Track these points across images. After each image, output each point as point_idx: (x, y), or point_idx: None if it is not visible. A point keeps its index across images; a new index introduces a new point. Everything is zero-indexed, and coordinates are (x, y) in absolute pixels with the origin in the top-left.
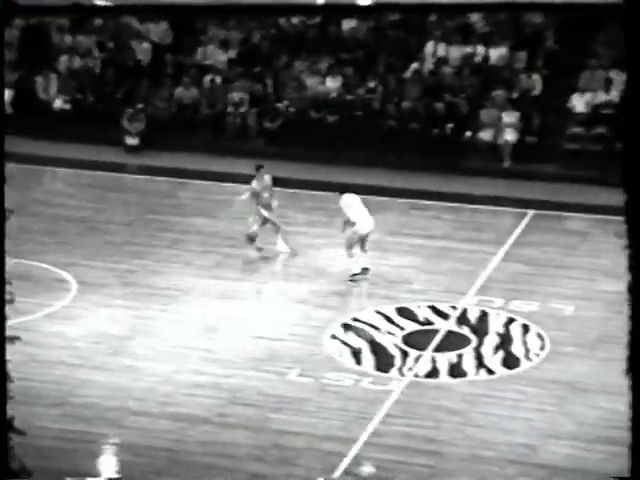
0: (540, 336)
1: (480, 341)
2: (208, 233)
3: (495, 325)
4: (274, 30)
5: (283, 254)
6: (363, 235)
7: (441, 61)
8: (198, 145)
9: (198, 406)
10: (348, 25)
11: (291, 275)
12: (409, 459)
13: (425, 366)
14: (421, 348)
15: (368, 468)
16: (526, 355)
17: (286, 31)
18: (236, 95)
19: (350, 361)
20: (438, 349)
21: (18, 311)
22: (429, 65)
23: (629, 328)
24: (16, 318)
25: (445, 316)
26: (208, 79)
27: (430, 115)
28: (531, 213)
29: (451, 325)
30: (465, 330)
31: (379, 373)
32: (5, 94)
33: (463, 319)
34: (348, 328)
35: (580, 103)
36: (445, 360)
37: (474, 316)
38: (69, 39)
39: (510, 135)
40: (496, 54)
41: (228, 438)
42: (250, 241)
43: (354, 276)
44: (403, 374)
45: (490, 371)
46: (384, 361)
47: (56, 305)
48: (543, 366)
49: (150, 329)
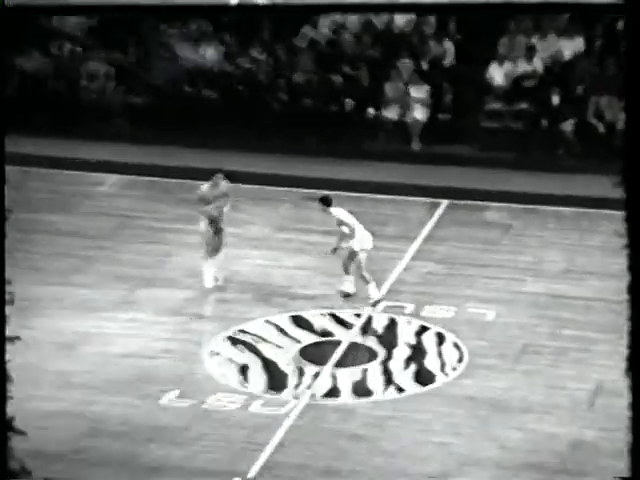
0: (457, 346)
1: (388, 354)
2: (63, 232)
3: (405, 335)
4: None
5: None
6: (359, 252)
7: (339, 27)
8: (45, 126)
9: (50, 440)
10: None
11: (162, 280)
12: None
13: (324, 385)
14: (319, 363)
15: None
16: (441, 369)
17: None
18: (92, 66)
19: (236, 381)
20: (339, 364)
21: None
22: (324, 31)
23: (629, 328)
24: None
25: (347, 325)
26: (57, 46)
27: (326, 90)
28: (445, 203)
29: (354, 336)
30: (371, 341)
31: (270, 394)
32: None
33: (368, 329)
34: (233, 342)
35: (499, 74)
36: (347, 377)
37: (381, 325)
38: None
39: (419, 112)
40: (401, 19)
41: (87, 478)
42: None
43: (375, 303)
44: (299, 395)
45: (400, 389)
46: (276, 380)
47: None
48: (461, 382)
49: None
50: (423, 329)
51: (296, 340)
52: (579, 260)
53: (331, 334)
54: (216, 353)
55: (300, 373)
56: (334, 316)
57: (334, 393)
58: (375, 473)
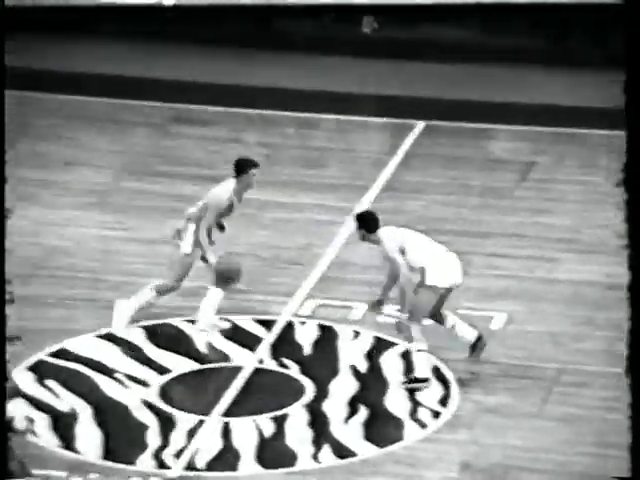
0: (440, 375)
1: (320, 390)
2: None
3: (350, 354)
4: None
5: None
6: (441, 291)
7: None
8: None
9: None
10: None
11: None
12: None
13: (207, 447)
14: (199, 411)
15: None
16: (411, 416)
17: None
18: None
19: (49, 443)
20: (233, 411)
21: None
22: None
23: (629, 328)
24: None
25: (250, 341)
26: None
27: None
28: (420, 126)
29: (262, 359)
30: (291, 368)
31: (111, 466)
32: None
33: (285, 345)
34: (43, 373)
35: None
36: (250, 432)
37: (308, 338)
38: None
39: None
40: None
41: None
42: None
43: (416, 383)
44: (164, 463)
45: (341, 451)
46: (121, 441)
47: None
48: (445, 438)
49: None
50: (381, 344)
51: (158, 370)
52: None
53: (222, 356)
54: (14, 392)
55: (165, 427)
56: (230, 326)
57: (227, 461)
58: None
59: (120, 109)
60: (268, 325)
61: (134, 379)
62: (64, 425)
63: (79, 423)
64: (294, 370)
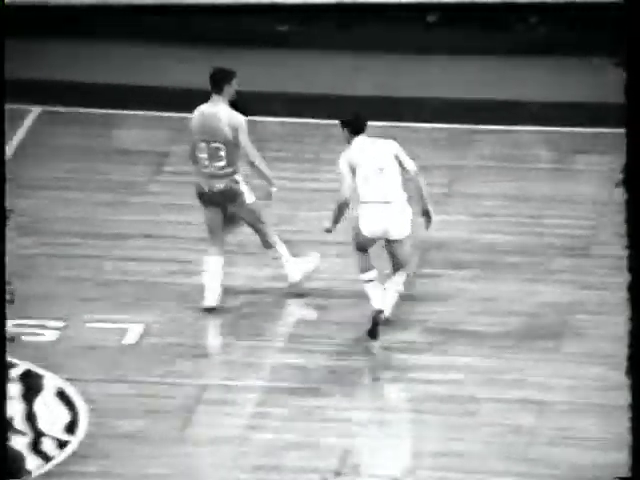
0: (64, 396)
1: None
2: None
3: None
4: None
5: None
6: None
7: None
8: None
9: None
10: None
11: None
12: None
13: None
14: None
15: None
16: (34, 447)
17: None
18: None
19: None
20: None
21: None
22: None
23: (629, 328)
24: None
25: None
26: None
27: None
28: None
29: None
30: None
31: None
32: None
33: None
34: None
35: None
36: None
37: None
38: None
39: None
40: None
41: None
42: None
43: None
44: None
45: None
46: None
47: None
48: (68, 469)
49: None
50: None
51: None
52: None
53: None
54: None
55: None
56: None
57: None
58: None
59: None
60: None
61: None
62: None
63: None
64: None
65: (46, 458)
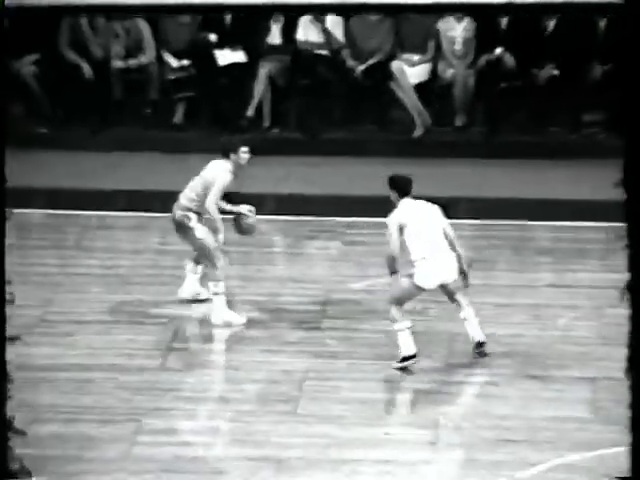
0: None
1: None
2: None
3: None
4: None
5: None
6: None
7: None
8: None
9: None
10: None
11: None
12: None
13: None
14: None
15: None
16: None
17: None
18: None
19: None
20: None
21: None
22: None
23: (629, 328)
24: None
25: None
26: None
27: None
28: None
29: None
30: None
31: None
32: None
33: None
34: None
35: None
36: None
37: None
38: None
39: None
40: None
41: None
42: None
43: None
44: None
45: None
46: None
47: None
48: None
49: None
50: None
51: None
52: None
53: None
54: None
55: None
56: None
57: None
58: None
59: None
60: None
61: None
62: None
63: None
64: None
65: None
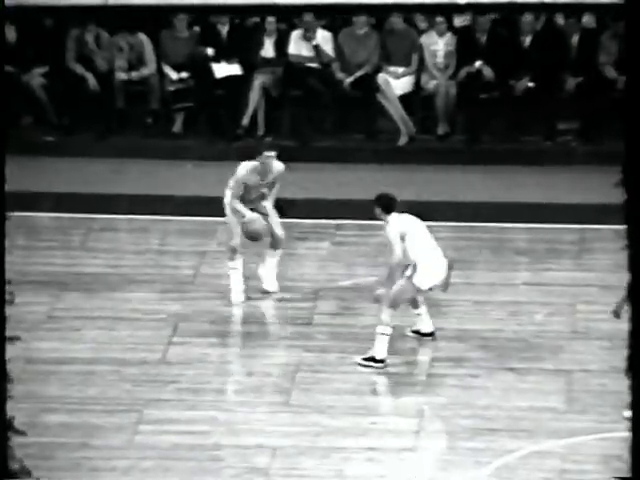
0: None
1: None
2: None
3: None
4: None
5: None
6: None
7: None
8: None
9: None
10: None
11: None
12: None
13: None
14: None
15: None
16: None
17: None
18: None
19: None
20: None
21: None
22: None
23: (629, 328)
24: None
25: None
26: None
27: None
28: None
29: None
30: None
31: None
32: None
33: None
34: None
35: None
36: None
37: None
38: None
39: None
40: None
41: None
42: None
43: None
44: None
45: None
46: None
47: None
48: None
49: None
50: None
51: None
52: None
53: None
54: None
55: None
56: None
57: None
58: None
59: None
60: None
61: None
62: None
63: None
64: None
65: None
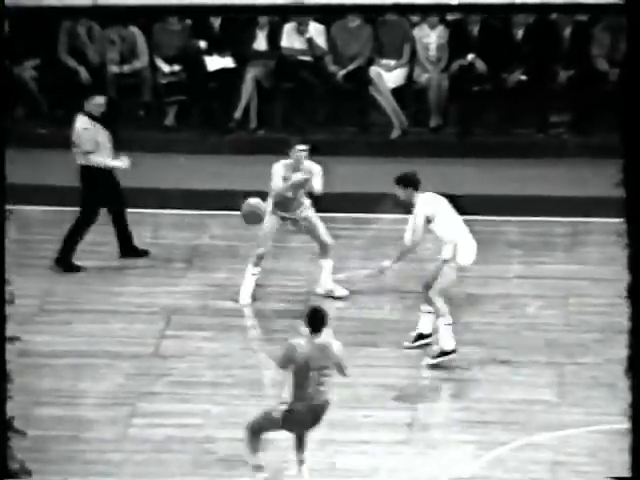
0: None
1: None
2: None
3: None
4: None
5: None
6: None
7: None
8: None
9: None
10: None
11: None
12: None
13: None
14: None
15: None
16: None
17: None
18: None
19: None
20: None
21: None
22: None
23: (629, 328)
24: None
25: None
26: None
27: None
28: None
29: None
30: None
31: None
32: None
33: None
34: None
35: None
36: None
37: None
38: None
39: None
40: None
41: None
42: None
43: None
44: None
45: None
46: None
47: None
48: None
49: None
50: None
51: None
52: None
53: None
54: None
55: None
56: None
57: None
58: None
59: None
60: None
61: None
62: None
63: None
64: None
65: None
